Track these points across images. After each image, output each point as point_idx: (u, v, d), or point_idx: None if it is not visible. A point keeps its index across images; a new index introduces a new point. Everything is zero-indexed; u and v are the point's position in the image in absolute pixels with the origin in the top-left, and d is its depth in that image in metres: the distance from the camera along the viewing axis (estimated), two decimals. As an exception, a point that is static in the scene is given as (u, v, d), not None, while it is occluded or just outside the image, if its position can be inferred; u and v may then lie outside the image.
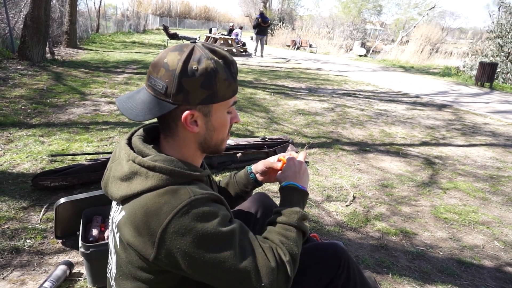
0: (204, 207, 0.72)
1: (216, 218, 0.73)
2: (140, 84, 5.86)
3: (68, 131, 3.36)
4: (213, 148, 0.86)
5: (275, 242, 0.83)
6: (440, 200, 2.70)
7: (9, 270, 1.58)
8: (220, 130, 0.84)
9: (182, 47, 0.77)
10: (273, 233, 0.86)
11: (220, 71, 0.77)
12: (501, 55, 11.10)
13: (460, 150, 3.98)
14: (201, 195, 0.74)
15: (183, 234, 0.69)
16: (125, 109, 0.78)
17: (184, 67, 0.74)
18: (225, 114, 0.83)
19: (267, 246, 0.80)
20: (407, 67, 14.29)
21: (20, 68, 6.00)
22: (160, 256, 0.71)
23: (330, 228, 2.16)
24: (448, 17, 49.63)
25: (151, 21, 30.83)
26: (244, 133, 3.82)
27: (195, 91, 0.75)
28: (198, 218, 0.71)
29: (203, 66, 0.75)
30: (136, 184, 0.75)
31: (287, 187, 0.98)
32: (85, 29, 14.00)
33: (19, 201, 2.11)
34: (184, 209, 0.70)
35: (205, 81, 0.75)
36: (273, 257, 0.78)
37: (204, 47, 0.78)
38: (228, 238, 0.73)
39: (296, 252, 0.83)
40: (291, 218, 0.89)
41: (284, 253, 0.81)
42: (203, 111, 0.79)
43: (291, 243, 0.84)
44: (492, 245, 2.15)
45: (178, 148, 0.83)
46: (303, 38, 21.43)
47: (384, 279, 1.76)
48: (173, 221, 0.69)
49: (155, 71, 0.77)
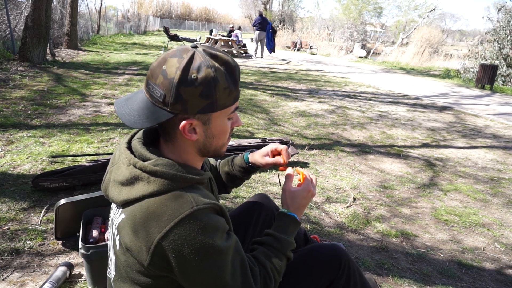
0: (205, 219, 0.72)
1: (215, 232, 0.73)
2: (140, 86, 5.86)
3: (69, 132, 3.36)
4: (213, 153, 0.85)
5: (265, 267, 0.86)
6: (440, 202, 2.70)
7: (9, 271, 1.58)
8: (219, 137, 0.83)
9: (182, 53, 0.74)
10: (265, 257, 0.88)
11: (221, 79, 0.74)
12: (499, 58, 11.10)
13: (461, 152, 3.98)
14: (204, 205, 0.73)
15: (181, 244, 0.70)
16: (123, 114, 0.77)
17: (182, 75, 0.71)
18: (225, 121, 0.82)
19: (257, 270, 0.83)
20: (407, 69, 14.31)
21: (20, 70, 6.01)
22: (154, 262, 0.72)
23: (330, 229, 2.15)
24: (448, 19, 49.69)
25: (151, 23, 30.89)
26: (245, 134, 3.82)
27: (193, 101, 0.73)
28: (199, 230, 0.71)
29: (203, 75, 0.72)
30: (138, 189, 0.75)
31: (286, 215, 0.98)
32: (86, 30, 14.03)
33: (19, 202, 2.11)
34: (185, 220, 0.70)
35: (204, 91, 0.72)
36: (259, 281, 0.82)
37: (205, 53, 0.75)
38: (223, 255, 0.74)
39: (279, 279, 0.89)
40: (284, 247, 0.92)
41: (270, 280, 0.85)
42: (202, 120, 0.77)
43: (278, 271, 0.88)
44: (493, 247, 2.15)
45: (178, 153, 0.82)
46: (304, 40, 21.45)
47: (385, 281, 1.75)
48: (173, 230, 0.69)
49: (153, 77, 0.74)
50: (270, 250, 0.90)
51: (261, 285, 0.82)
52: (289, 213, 0.97)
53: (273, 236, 0.92)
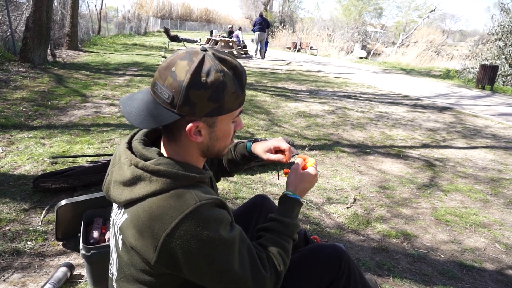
0: (209, 213, 0.73)
1: (220, 224, 0.74)
2: (141, 86, 5.87)
3: (69, 133, 3.36)
4: (216, 154, 0.87)
5: (272, 252, 0.87)
6: (441, 202, 2.70)
7: (10, 272, 1.58)
8: (223, 139, 0.84)
9: (192, 56, 0.74)
10: (272, 242, 0.90)
11: (229, 84, 0.75)
12: (501, 58, 11.10)
13: (461, 153, 3.98)
14: (206, 200, 0.74)
15: (187, 240, 0.70)
16: (129, 114, 0.76)
17: (192, 79, 0.72)
18: (229, 124, 0.83)
19: (264, 256, 0.84)
20: (408, 70, 14.31)
21: (21, 70, 6.02)
22: (161, 259, 0.72)
23: (330, 230, 2.15)
24: (448, 20, 49.69)
25: (152, 24, 30.94)
26: (245, 135, 3.83)
27: (202, 104, 0.74)
28: (203, 224, 0.71)
29: (212, 79, 0.72)
30: (140, 188, 0.75)
31: (289, 198, 1.00)
32: (87, 31, 14.05)
33: (20, 203, 2.11)
34: (190, 215, 0.71)
35: (213, 95, 0.73)
36: (267, 266, 0.83)
37: (214, 57, 0.75)
38: (229, 245, 0.74)
39: (287, 262, 0.90)
40: (289, 230, 0.93)
41: (279, 263, 0.86)
42: (207, 122, 0.78)
43: (286, 254, 0.89)
44: (493, 248, 2.15)
45: (181, 153, 0.82)
46: (304, 41, 21.45)
47: (385, 281, 1.76)
48: (178, 227, 0.70)
49: (162, 78, 0.74)
50: (277, 235, 0.91)
51: (271, 270, 0.83)
52: (293, 196, 0.99)
53: (278, 221, 0.94)
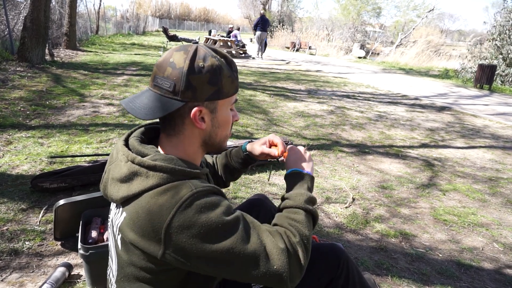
0: (206, 199, 0.73)
1: (218, 207, 0.74)
2: (139, 86, 5.86)
3: (67, 133, 3.36)
4: (217, 145, 0.88)
5: (284, 226, 0.84)
6: (439, 202, 2.70)
7: (8, 272, 1.58)
8: (224, 126, 0.87)
9: (186, 47, 0.80)
10: (281, 218, 0.88)
11: (224, 68, 0.80)
12: (498, 57, 11.13)
13: (460, 152, 3.99)
14: (202, 187, 0.74)
15: (188, 227, 0.70)
16: (133, 109, 0.79)
17: (191, 64, 0.76)
18: (228, 111, 0.87)
19: (274, 230, 0.81)
20: (406, 69, 14.33)
21: (19, 70, 6.00)
22: (168, 252, 0.71)
23: (329, 230, 2.16)
24: (447, 19, 49.85)
25: (150, 23, 30.87)
26: (244, 134, 3.83)
27: (202, 88, 0.78)
28: (202, 209, 0.71)
29: (209, 63, 0.78)
30: (137, 184, 0.75)
31: (291, 173, 1.00)
32: (85, 30, 14.01)
33: (18, 203, 2.11)
34: (186, 202, 0.70)
35: (212, 78, 0.78)
36: (281, 239, 0.78)
37: (206, 47, 0.81)
38: (232, 225, 0.73)
39: (306, 234, 0.82)
40: (297, 200, 0.90)
41: (294, 234, 0.81)
42: (209, 108, 0.81)
43: (299, 225, 0.84)
44: (492, 247, 2.15)
45: (181, 147, 0.83)
46: (303, 40, 21.46)
47: (384, 281, 1.76)
48: (176, 216, 0.70)
49: (160, 71, 0.78)
50: (284, 211, 0.91)
51: (286, 242, 0.78)
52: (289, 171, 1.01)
53: (283, 199, 0.95)
